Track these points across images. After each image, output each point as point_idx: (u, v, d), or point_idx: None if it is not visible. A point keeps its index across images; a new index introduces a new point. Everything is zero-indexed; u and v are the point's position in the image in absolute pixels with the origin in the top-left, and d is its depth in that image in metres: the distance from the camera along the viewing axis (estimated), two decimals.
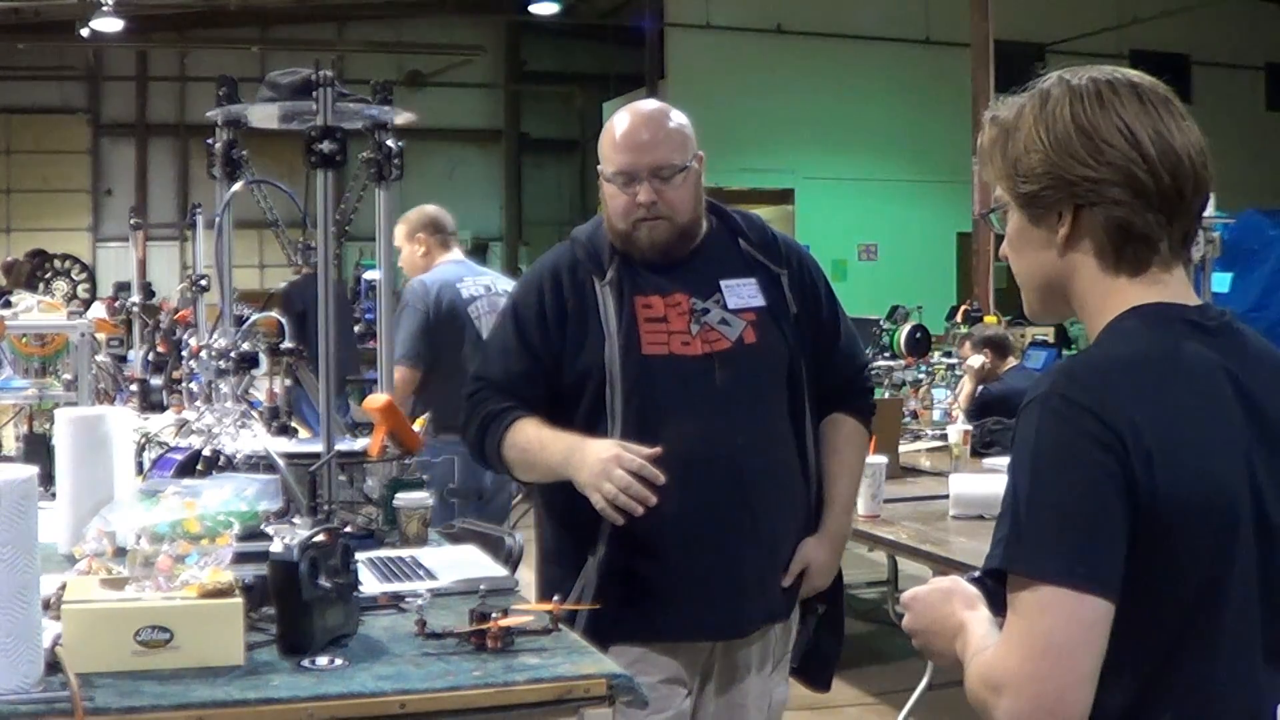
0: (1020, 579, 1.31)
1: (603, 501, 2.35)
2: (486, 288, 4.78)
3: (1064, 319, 1.54)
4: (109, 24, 14.18)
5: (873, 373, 2.89)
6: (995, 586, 1.39)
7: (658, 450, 2.36)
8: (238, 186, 2.97)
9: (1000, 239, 1.53)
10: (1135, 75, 1.44)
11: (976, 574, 1.46)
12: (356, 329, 7.18)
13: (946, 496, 3.86)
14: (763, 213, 3.04)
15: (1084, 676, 1.28)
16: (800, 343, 2.60)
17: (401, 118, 2.90)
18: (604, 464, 2.35)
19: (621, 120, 2.57)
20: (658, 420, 2.47)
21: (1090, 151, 1.39)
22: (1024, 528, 1.31)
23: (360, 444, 2.73)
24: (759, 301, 2.58)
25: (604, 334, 2.50)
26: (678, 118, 2.58)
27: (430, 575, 2.38)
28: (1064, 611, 1.28)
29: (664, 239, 2.54)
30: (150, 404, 4.18)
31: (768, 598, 2.57)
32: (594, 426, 2.48)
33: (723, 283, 2.58)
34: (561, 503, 2.55)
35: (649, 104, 2.65)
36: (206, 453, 2.70)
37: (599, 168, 2.60)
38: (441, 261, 4.88)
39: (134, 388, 4.34)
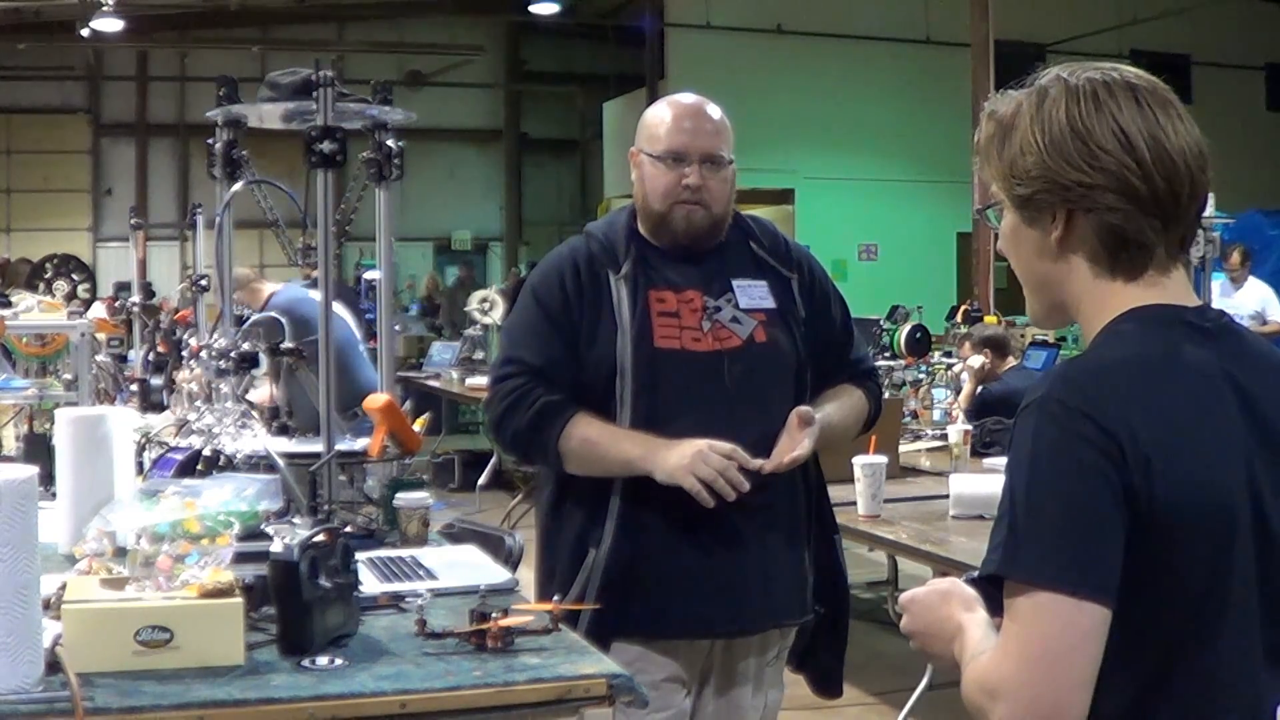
0: (1017, 585, 1.30)
1: (697, 485, 2.39)
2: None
3: (1068, 323, 1.53)
4: (109, 24, 14.19)
5: (880, 380, 2.90)
6: (993, 590, 1.39)
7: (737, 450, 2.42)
8: (238, 186, 2.97)
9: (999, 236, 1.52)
10: (1133, 75, 1.43)
11: (974, 575, 1.45)
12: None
13: (946, 496, 3.85)
14: (762, 213, 3.05)
15: (1080, 683, 1.28)
16: (808, 346, 2.61)
17: (401, 117, 2.90)
18: (697, 453, 2.40)
19: (670, 105, 2.61)
20: (667, 414, 2.48)
21: (1084, 156, 1.38)
22: (1021, 533, 1.31)
23: (360, 444, 2.73)
24: (769, 303, 2.60)
25: (617, 326, 2.51)
26: (722, 113, 2.62)
27: (430, 575, 2.38)
28: (1061, 618, 1.27)
29: (700, 225, 2.57)
30: (150, 404, 4.18)
31: (771, 598, 2.57)
32: (604, 417, 2.49)
33: (734, 282, 2.60)
34: (571, 494, 2.55)
35: (694, 96, 2.68)
36: (206, 453, 2.70)
37: (633, 150, 2.62)
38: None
39: (134, 388, 4.34)
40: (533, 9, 16.46)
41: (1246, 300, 8.71)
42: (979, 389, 5.90)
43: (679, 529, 2.48)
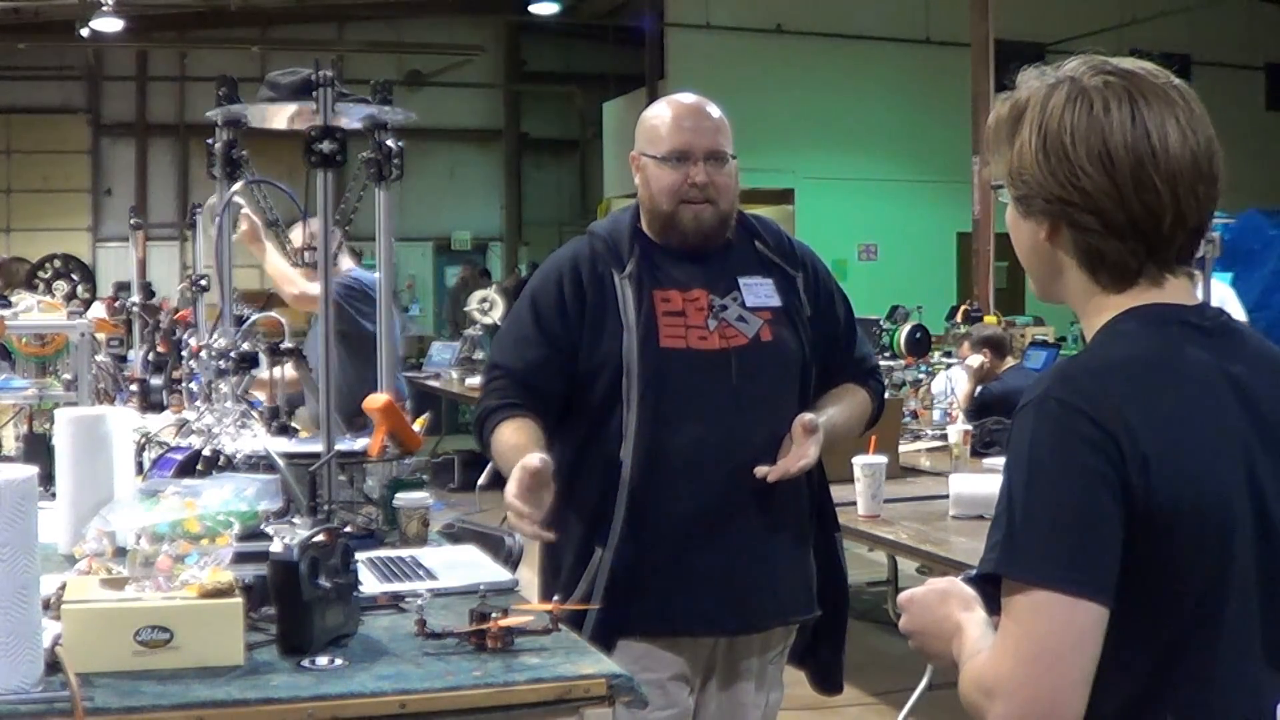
0: (1014, 583, 1.30)
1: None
2: None
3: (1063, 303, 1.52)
4: (109, 24, 14.17)
5: (882, 378, 2.90)
6: (991, 589, 1.39)
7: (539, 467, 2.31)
8: (238, 186, 2.97)
9: (999, 237, 1.52)
10: (1146, 71, 1.40)
11: (973, 574, 1.45)
12: None
13: (946, 496, 3.86)
14: (763, 212, 3.05)
15: (1077, 681, 1.28)
16: (813, 345, 2.62)
17: (401, 117, 2.90)
18: (509, 496, 2.31)
19: (669, 105, 2.62)
20: (673, 413, 2.49)
21: (1067, 174, 1.37)
22: (1018, 532, 1.31)
23: (360, 444, 2.73)
24: (775, 302, 2.61)
25: (622, 326, 2.51)
26: (720, 110, 2.63)
27: (430, 575, 2.38)
28: (1058, 616, 1.27)
29: (709, 223, 2.58)
30: (150, 404, 4.18)
31: (777, 595, 2.58)
32: (609, 417, 2.50)
33: (741, 280, 2.60)
34: (573, 494, 2.55)
35: (691, 95, 2.69)
36: (206, 453, 2.70)
37: (633, 154, 2.63)
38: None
39: (134, 388, 4.34)
40: (532, 9, 16.45)
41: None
42: (978, 389, 5.90)
43: (686, 527, 2.49)
